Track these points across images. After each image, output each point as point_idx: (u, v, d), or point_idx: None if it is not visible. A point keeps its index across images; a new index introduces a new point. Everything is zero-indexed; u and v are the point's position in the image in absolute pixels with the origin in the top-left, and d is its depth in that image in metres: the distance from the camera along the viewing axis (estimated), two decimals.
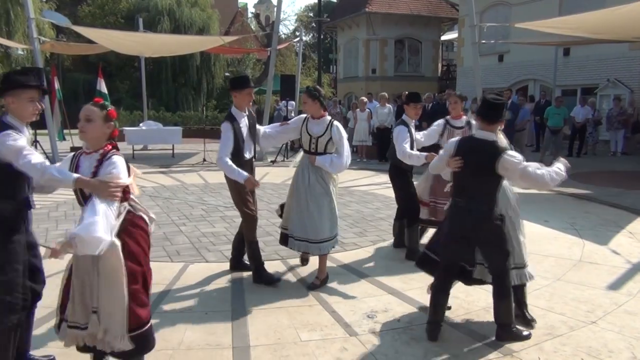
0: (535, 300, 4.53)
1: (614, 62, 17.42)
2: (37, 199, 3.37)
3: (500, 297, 3.76)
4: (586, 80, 18.59)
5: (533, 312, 4.28)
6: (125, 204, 3.07)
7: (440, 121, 5.99)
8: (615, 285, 4.97)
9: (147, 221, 3.22)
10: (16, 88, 3.11)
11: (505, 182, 3.92)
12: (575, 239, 6.59)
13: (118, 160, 2.99)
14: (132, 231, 3.06)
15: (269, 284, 4.90)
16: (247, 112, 4.99)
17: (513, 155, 3.63)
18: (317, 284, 4.90)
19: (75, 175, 2.95)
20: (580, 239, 6.58)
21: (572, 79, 19.09)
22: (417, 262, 4.24)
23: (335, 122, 4.89)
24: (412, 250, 5.64)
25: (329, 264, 5.60)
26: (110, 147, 3.06)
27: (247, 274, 5.19)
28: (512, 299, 3.79)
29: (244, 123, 4.91)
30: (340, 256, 5.87)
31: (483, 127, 3.76)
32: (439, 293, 3.89)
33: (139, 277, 3.04)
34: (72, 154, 3.16)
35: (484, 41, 15.46)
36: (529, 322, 4.02)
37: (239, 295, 4.71)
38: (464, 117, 5.96)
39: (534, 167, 3.65)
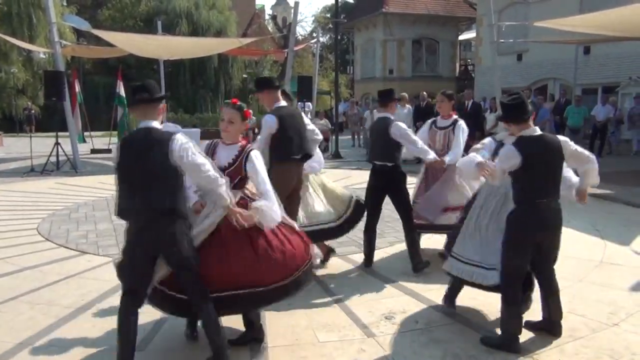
0: None
1: (635, 59, 17.10)
2: (57, 200, 3.48)
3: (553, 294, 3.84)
4: (607, 79, 18.30)
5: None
6: (240, 191, 3.56)
7: (428, 121, 5.97)
8: (638, 287, 4.89)
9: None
10: None
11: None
12: (596, 239, 6.49)
13: (255, 156, 3.54)
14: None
15: None
16: None
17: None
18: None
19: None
20: (602, 239, 6.48)
21: (593, 78, 18.81)
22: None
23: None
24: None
25: (347, 265, 5.62)
26: (245, 141, 3.62)
27: None
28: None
29: None
30: (357, 257, 5.85)
31: (518, 129, 3.67)
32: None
33: None
34: (208, 142, 3.67)
35: (502, 40, 15.30)
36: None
37: None
38: (454, 116, 5.73)
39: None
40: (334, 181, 6.01)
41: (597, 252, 5.98)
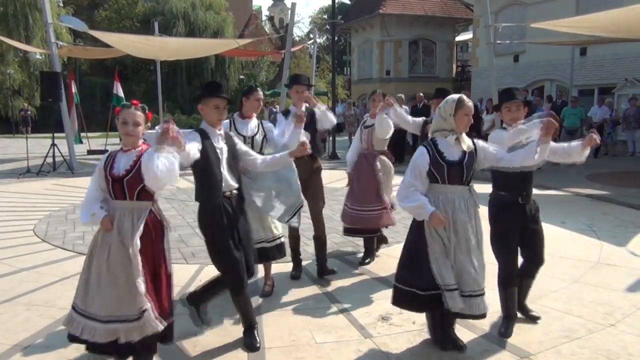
0: (552, 303, 4.48)
1: (631, 61, 17.18)
2: (54, 201, 3.46)
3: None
4: (603, 80, 18.36)
5: (550, 314, 4.24)
6: (150, 203, 3.22)
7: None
8: (635, 287, 4.90)
9: (165, 228, 3.34)
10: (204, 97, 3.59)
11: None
12: (593, 240, 6.51)
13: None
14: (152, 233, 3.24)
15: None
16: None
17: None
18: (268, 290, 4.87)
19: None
20: (598, 240, 6.50)
21: (589, 79, 18.88)
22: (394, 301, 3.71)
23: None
24: None
25: (344, 266, 5.63)
26: (145, 146, 3.21)
27: (260, 276, 5.20)
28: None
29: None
30: (354, 258, 5.87)
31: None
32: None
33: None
34: (107, 154, 3.29)
35: (499, 41, 15.37)
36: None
37: (254, 297, 4.72)
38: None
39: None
40: (331, 182, 6.03)
41: (594, 252, 5.99)
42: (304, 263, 5.47)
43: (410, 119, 5.65)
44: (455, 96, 3.61)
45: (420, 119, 5.65)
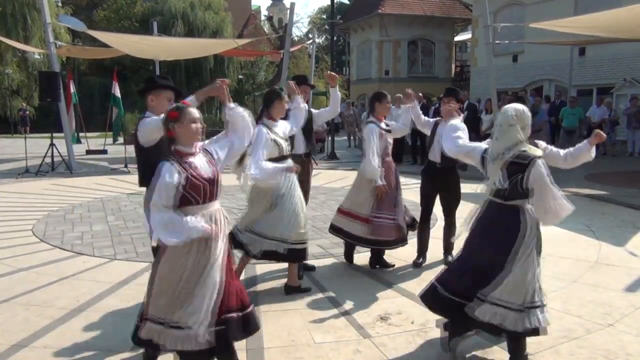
0: (551, 303, 4.46)
1: (630, 61, 17.20)
2: (52, 201, 3.41)
3: None
4: (602, 80, 18.37)
5: (549, 314, 4.24)
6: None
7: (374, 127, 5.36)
8: (633, 287, 4.91)
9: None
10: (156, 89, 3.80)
11: None
12: (591, 240, 6.52)
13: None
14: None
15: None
16: None
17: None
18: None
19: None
20: (597, 240, 6.50)
21: (588, 79, 18.89)
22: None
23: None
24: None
25: (343, 266, 5.63)
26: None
27: (259, 273, 5.21)
28: None
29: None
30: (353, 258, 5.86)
31: None
32: None
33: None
34: (168, 165, 2.92)
35: (498, 41, 15.37)
36: None
37: (253, 297, 4.70)
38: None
39: None
40: (330, 182, 6.04)
41: (592, 252, 6.00)
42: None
43: (423, 117, 5.64)
44: (522, 106, 3.46)
45: (432, 120, 5.64)
